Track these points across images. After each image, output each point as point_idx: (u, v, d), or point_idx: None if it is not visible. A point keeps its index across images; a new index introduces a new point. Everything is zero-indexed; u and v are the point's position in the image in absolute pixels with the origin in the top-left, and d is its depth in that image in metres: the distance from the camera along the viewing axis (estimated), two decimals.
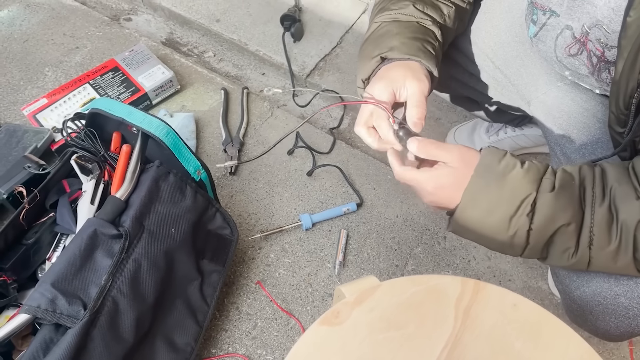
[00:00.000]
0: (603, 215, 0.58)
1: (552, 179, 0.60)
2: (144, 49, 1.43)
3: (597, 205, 0.59)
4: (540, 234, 0.59)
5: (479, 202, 0.61)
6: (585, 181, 0.60)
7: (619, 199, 0.59)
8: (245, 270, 1.11)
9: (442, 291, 0.59)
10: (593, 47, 0.66)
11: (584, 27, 0.66)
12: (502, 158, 0.61)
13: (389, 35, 0.75)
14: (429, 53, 0.72)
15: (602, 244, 0.59)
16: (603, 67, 0.68)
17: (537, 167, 0.61)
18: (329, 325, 0.56)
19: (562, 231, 0.59)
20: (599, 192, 0.59)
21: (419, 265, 1.14)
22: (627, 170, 0.61)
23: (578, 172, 0.61)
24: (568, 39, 0.70)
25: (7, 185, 1.05)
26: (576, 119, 0.82)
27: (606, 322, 0.69)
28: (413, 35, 0.73)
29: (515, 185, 0.59)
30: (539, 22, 0.73)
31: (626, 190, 0.59)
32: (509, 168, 0.60)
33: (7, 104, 1.35)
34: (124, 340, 0.81)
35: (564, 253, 0.61)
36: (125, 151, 0.93)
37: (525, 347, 0.55)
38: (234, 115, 1.38)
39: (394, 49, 0.72)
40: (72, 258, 0.80)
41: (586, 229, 0.59)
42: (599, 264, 0.61)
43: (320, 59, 1.48)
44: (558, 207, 0.58)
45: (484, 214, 0.61)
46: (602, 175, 0.61)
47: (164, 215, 0.89)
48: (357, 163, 1.30)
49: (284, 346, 1.02)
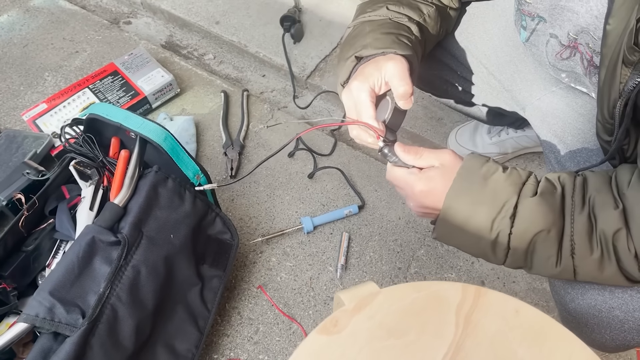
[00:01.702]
0: (583, 223, 0.58)
1: (534, 184, 0.60)
2: (144, 52, 1.42)
3: (577, 213, 0.58)
4: (520, 238, 0.59)
5: (462, 203, 0.61)
6: (565, 190, 0.60)
7: (598, 207, 0.58)
8: (247, 274, 1.10)
9: (443, 297, 0.58)
10: (584, 50, 0.65)
11: (569, 34, 0.65)
12: (484, 163, 0.62)
13: (362, 34, 0.74)
14: (404, 44, 0.71)
15: (584, 253, 0.58)
16: (593, 72, 0.66)
17: (519, 173, 0.61)
18: (327, 334, 0.55)
19: (543, 237, 0.59)
20: (579, 201, 0.59)
21: (422, 267, 1.13)
22: (609, 179, 0.60)
23: (558, 180, 0.61)
24: (556, 47, 0.69)
25: (6, 192, 1.04)
26: (571, 125, 0.80)
27: (601, 335, 0.67)
28: (386, 31, 0.73)
29: (496, 187, 0.60)
30: (529, 27, 0.72)
31: (605, 199, 0.58)
32: (490, 172, 0.61)
33: (7, 110, 1.35)
34: (124, 348, 0.80)
35: (547, 261, 0.60)
36: (123, 156, 0.93)
37: (529, 354, 0.54)
38: (234, 118, 1.37)
39: (367, 46, 0.71)
40: (70, 266, 0.79)
41: (567, 237, 0.59)
42: (585, 273, 0.60)
43: (321, 60, 1.47)
44: (539, 213, 0.58)
45: (466, 215, 0.61)
46: (583, 184, 0.61)
47: (163, 221, 0.89)
48: (358, 165, 1.29)
49: (286, 351, 1.01)
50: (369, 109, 0.67)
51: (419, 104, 1.39)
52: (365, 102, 0.67)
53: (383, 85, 0.68)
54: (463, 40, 0.89)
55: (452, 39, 0.90)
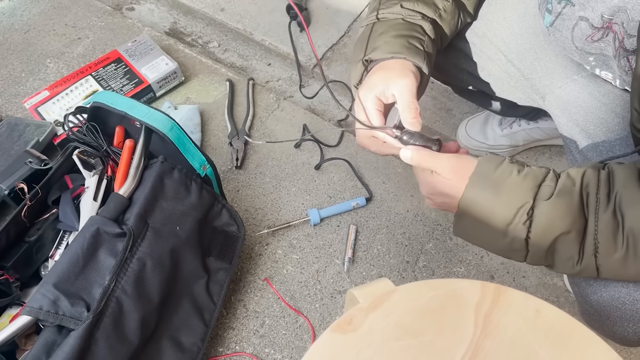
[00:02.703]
0: (607, 221, 0.56)
1: (552, 185, 0.58)
2: (147, 39, 1.39)
3: (602, 212, 0.57)
4: (539, 243, 0.58)
5: (475, 211, 0.60)
6: (589, 187, 0.58)
7: (625, 204, 0.56)
8: (253, 267, 1.09)
9: (461, 296, 0.56)
10: (619, 29, 0.62)
11: (603, 16, 0.62)
12: (498, 165, 0.60)
13: (373, 36, 0.74)
14: (415, 48, 0.71)
15: (607, 252, 0.57)
16: (622, 54, 0.64)
17: (535, 174, 0.59)
18: (342, 333, 0.53)
19: (563, 239, 0.57)
20: (604, 197, 0.57)
21: (431, 261, 1.11)
22: (637, 173, 0.58)
23: (581, 177, 0.59)
24: (586, 30, 0.66)
25: (8, 181, 1.03)
26: (594, 114, 0.77)
27: (624, 328, 0.66)
28: (397, 33, 0.73)
29: (511, 193, 0.58)
30: (555, 10, 0.69)
31: (633, 195, 0.56)
32: (504, 175, 0.59)
33: (8, 97, 1.32)
34: (129, 341, 0.79)
35: (568, 261, 0.59)
36: (128, 146, 0.90)
37: (551, 355, 0.52)
38: (240, 107, 1.35)
39: (376, 49, 0.72)
40: (75, 258, 0.78)
41: (590, 236, 0.57)
42: (608, 271, 0.59)
43: (328, 49, 1.44)
44: (556, 215, 0.57)
45: (480, 223, 0.60)
46: (609, 179, 0.58)
47: (169, 212, 0.87)
48: (366, 156, 1.26)
49: (293, 345, 1.00)
50: (375, 117, 0.68)
51: (427, 94, 1.37)
52: (371, 111, 0.68)
53: (389, 97, 0.68)
54: (482, 27, 0.87)
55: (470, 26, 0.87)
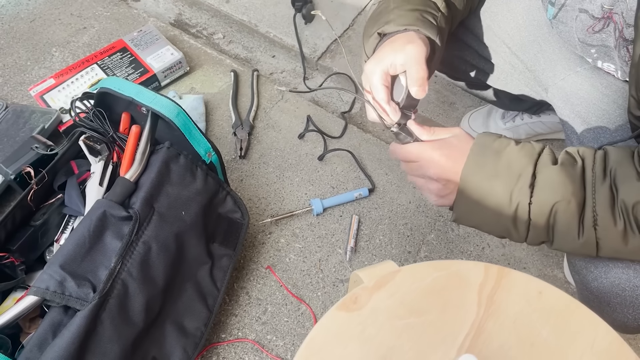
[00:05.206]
0: (605, 194, 0.58)
1: (552, 154, 0.61)
2: (153, 29, 1.40)
3: (599, 185, 0.58)
4: (540, 208, 0.59)
5: (478, 179, 0.61)
6: (585, 162, 0.60)
7: (619, 179, 0.58)
8: (256, 254, 1.10)
9: (465, 277, 0.57)
10: (619, 19, 0.63)
11: (603, 6, 0.63)
12: (496, 138, 0.63)
13: (387, 10, 0.73)
14: (428, 22, 0.70)
15: (607, 224, 0.58)
16: (622, 44, 0.65)
17: (532, 145, 0.62)
18: (347, 311, 0.54)
19: (564, 208, 0.58)
20: (600, 172, 0.59)
21: (432, 252, 1.12)
22: (630, 153, 0.60)
23: (577, 153, 0.61)
24: (587, 21, 0.67)
25: (14, 165, 1.03)
26: (595, 105, 0.78)
27: (624, 314, 0.67)
28: (411, 7, 0.72)
29: (511, 159, 0.61)
30: (558, 2, 0.70)
31: (627, 171, 0.58)
32: (502, 145, 0.62)
33: (14, 85, 1.33)
34: (134, 323, 0.80)
35: (568, 234, 0.60)
36: (134, 132, 0.91)
37: (552, 335, 0.53)
38: (244, 98, 1.35)
39: (390, 22, 0.70)
40: (81, 240, 0.78)
41: (589, 207, 0.58)
42: (608, 247, 0.59)
43: (332, 41, 1.45)
44: (559, 181, 0.58)
45: (484, 191, 0.61)
46: (604, 157, 0.60)
47: (174, 197, 0.87)
48: (369, 147, 1.27)
49: (294, 332, 1.01)
50: (381, 92, 0.67)
51: (430, 87, 1.37)
52: (377, 86, 0.67)
53: (398, 67, 0.67)
54: (486, 19, 0.87)
55: (474, 17, 0.88)
